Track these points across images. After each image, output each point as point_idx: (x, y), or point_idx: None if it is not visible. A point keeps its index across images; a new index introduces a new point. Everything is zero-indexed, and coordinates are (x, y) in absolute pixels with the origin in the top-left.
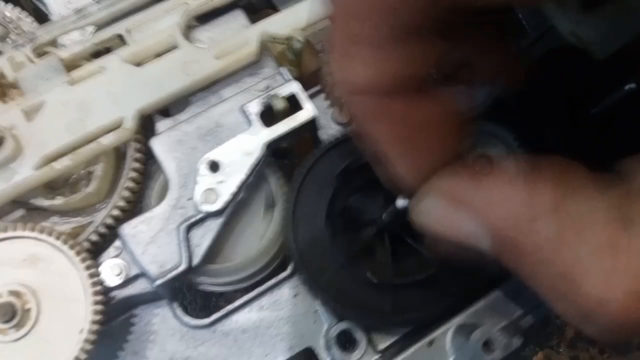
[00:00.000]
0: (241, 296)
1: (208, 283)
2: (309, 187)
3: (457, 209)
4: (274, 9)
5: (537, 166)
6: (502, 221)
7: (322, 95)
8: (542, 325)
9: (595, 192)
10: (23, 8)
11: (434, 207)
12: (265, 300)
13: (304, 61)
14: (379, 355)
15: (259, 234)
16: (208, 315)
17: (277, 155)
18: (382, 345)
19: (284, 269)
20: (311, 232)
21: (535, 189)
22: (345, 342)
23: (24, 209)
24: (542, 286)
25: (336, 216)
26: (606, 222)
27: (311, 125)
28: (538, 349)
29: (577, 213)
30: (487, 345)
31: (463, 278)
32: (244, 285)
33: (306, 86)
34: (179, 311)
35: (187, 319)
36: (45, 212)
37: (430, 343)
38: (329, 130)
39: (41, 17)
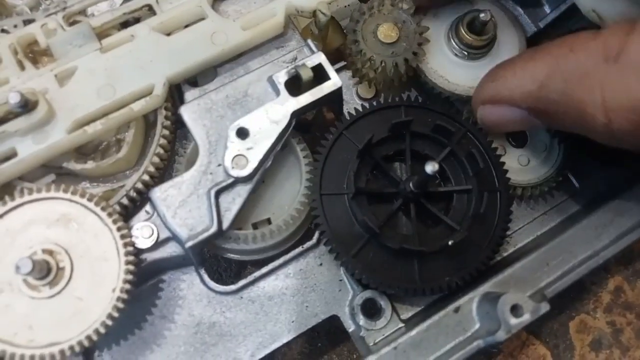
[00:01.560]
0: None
1: (237, 251)
2: (334, 161)
3: (496, 107)
4: None
5: (537, 50)
6: (524, 97)
7: (346, 72)
8: (577, 291)
9: (589, 42)
10: None
11: (485, 112)
12: (291, 269)
13: (329, 37)
14: (403, 324)
15: (287, 203)
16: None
17: (300, 129)
18: (407, 314)
19: (309, 238)
20: (338, 206)
21: (538, 66)
22: (370, 310)
23: (56, 173)
24: (567, 122)
25: (361, 189)
26: (597, 63)
27: (336, 96)
28: (574, 315)
29: (574, 65)
30: (514, 309)
31: (486, 244)
32: (272, 253)
33: (330, 61)
34: (206, 277)
35: (214, 284)
36: (76, 177)
37: (457, 310)
38: (353, 104)
39: None
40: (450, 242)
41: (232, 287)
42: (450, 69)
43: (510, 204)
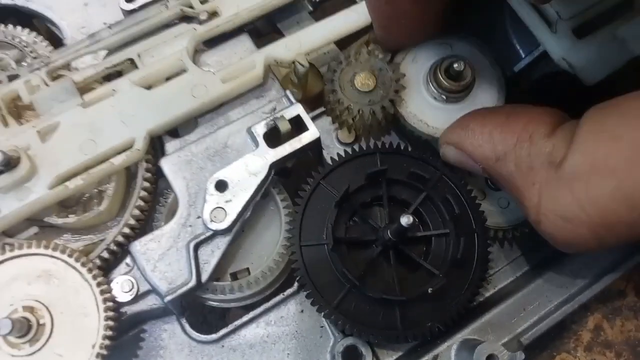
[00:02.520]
0: (248, 312)
1: (216, 300)
2: (313, 210)
3: (458, 152)
4: (279, 34)
5: (509, 118)
6: (482, 159)
7: (327, 117)
8: (558, 329)
9: (544, 139)
10: (39, 32)
11: (447, 152)
12: (272, 316)
13: (309, 84)
14: None
15: (266, 252)
16: (216, 331)
17: (280, 174)
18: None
19: (290, 285)
20: (318, 256)
21: (500, 139)
22: (351, 356)
23: (38, 226)
24: (510, 192)
25: (340, 240)
26: (543, 164)
27: (315, 146)
28: (555, 354)
29: (526, 156)
30: (490, 359)
31: (466, 287)
32: (252, 301)
33: (311, 108)
34: (188, 327)
35: (196, 334)
36: (59, 230)
37: (435, 358)
38: (334, 149)
39: (56, 41)
40: (430, 290)
41: (214, 336)
42: (429, 112)
43: (488, 246)
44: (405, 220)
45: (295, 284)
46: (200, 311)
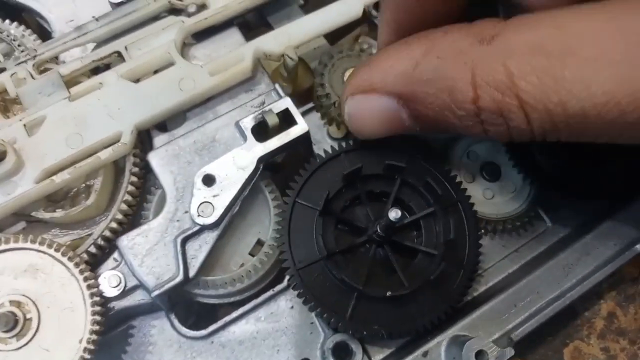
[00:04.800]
0: (238, 308)
1: (205, 295)
2: (297, 229)
3: (366, 96)
4: (268, 27)
5: (406, 40)
6: (397, 79)
7: (316, 112)
8: (571, 317)
9: (465, 27)
10: (27, 26)
11: (352, 106)
12: (262, 312)
13: (299, 78)
14: None
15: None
16: (206, 327)
17: (270, 169)
18: (378, 356)
19: (280, 281)
20: (317, 273)
21: (417, 46)
22: (341, 353)
23: (25, 221)
24: (436, 107)
25: (333, 252)
26: (472, 43)
27: (305, 140)
28: (568, 341)
29: (450, 43)
30: (480, 355)
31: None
32: (241, 297)
33: (300, 102)
34: (177, 322)
35: (185, 330)
36: (46, 225)
37: (425, 354)
38: (324, 145)
39: (44, 34)
40: (432, 277)
41: (203, 332)
42: None
43: (476, 217)
44: (393, 214)
45: (286, 280)
46: (190, 307)
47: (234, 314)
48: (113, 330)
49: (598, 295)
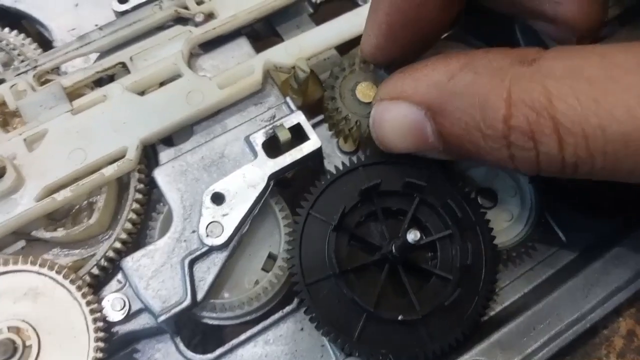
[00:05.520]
0: (246, 330)
1: (212, 317)
2: (309, 243)
3: (394, 103)
4: (277, 37)
5: (446, 55)
6: (430, 89)
7: (326, 124)
8: (589, 335)
9: (506, 50)
10: (27, 34)
11: (378, 111)
12: (270, 335)
13: (309, 90)
14: None
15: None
16: (213, 350)
17: (280, 185)
18: None
19: (289, 302)
20: (327, 289)
21: (455, 60)
22: None
23: (25, 240)
24: (464, 123)
25: (345, 270)
26: (512, 63)
27: (316, 155)
28: None
29: (489, 61)
30: None
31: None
32: (253, 316)
33: (310, 114)
34: (182, 346)
35: (191, 354)
36: (47, 244)
37: None
38: (334, 158)
39: (45, 43)
40: (446, 303)
41: (210, 356)
42: None
43: (494, 243)
44: (412, 237)
45: (295, 301)
46: (196, 326)
47: (242, 337)
48: (116, 354)
49: (617, 313)
